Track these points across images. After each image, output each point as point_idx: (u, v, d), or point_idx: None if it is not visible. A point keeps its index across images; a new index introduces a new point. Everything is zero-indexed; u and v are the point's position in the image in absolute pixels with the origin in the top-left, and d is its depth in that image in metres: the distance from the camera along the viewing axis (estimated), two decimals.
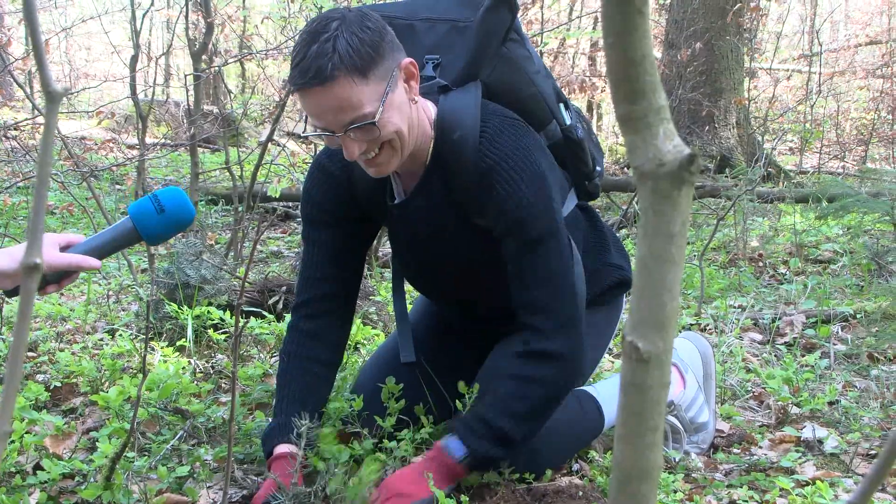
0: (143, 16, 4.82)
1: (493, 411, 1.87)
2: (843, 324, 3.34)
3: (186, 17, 4.64)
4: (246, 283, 3.21)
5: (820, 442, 2.25)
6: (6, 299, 3.18)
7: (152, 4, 5.03)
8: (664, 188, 0.64)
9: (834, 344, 3.06)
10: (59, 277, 1.67)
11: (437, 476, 1.83)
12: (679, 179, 0.64)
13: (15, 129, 6.32)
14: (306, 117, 1.80)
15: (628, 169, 8.56)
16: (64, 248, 1.67)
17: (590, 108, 13.03)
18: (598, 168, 2.23)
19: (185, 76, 5.11)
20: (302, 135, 1.90)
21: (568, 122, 2.11)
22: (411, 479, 1.83)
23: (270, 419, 2.02)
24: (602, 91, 11.93)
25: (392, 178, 1.99)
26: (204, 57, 4.86)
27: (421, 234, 2.02)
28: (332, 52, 1.66)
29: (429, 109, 1.90)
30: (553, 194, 1.88)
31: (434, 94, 1.92)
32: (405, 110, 1.78)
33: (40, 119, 5.78)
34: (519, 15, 2.04)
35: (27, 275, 0.66)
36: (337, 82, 1.66)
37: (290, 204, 6.32)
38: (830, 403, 2.51)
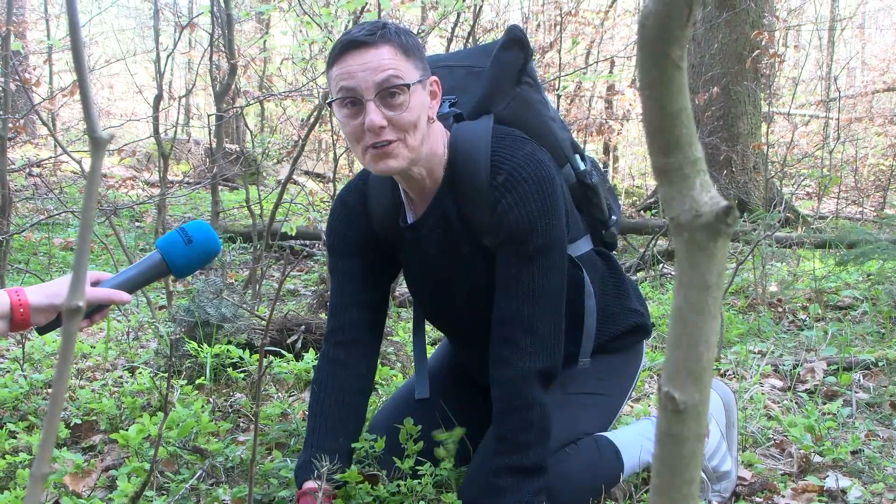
0: (168, 57, 4.90)
1: (514, 453, 1.88)
2: (865, 372, 3.30)
3: (210, 58, 4.71)
4: (266, 322, 3.22)
5: (843, 492, 2.21)
6: (27, 335, 3.20)
7: (175, 46, 5.12)
8: (700, 240, 0.65)
9: (856, 392, 3.02)
10: (90, 312, 1.69)
11: None
12: (715, 231, 0.64)
13: (38, 166, 6.40)
14: (329, 101, 1.88)
15: (645, 212, 8.57)
16: (94, 284, 1.70)
17: (606, 151, 13.08)
18: (613, 216, 2.25)
19: (208, 116, 5.18)
20: (327, 101, 1.97)
21: (582, 168, 2.14)
22: None
23: (302, 451, 2.03)
24: (619, 134, 11.99)
25: (405, 202, 2.04)
26: (227, 97, 4.92)
27: (432, 257, 2.04)
28: (382, 27, 1.82)
29: (443, 133, 1.96)
30: (560, 213, 1.91)
31: (448, 122, 1.99)
32: (425, 116, 1.86)
33: (63, 157, 5.85)
34: (536, 59, 2.09)
35: (69, 317, 0.67)
36: (384, 47, 1.80)
37: (308, 242, 6.35)
38: (853, 453, 2.47)
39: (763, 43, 7.71)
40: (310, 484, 1.91)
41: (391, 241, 2.09)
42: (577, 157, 2.16)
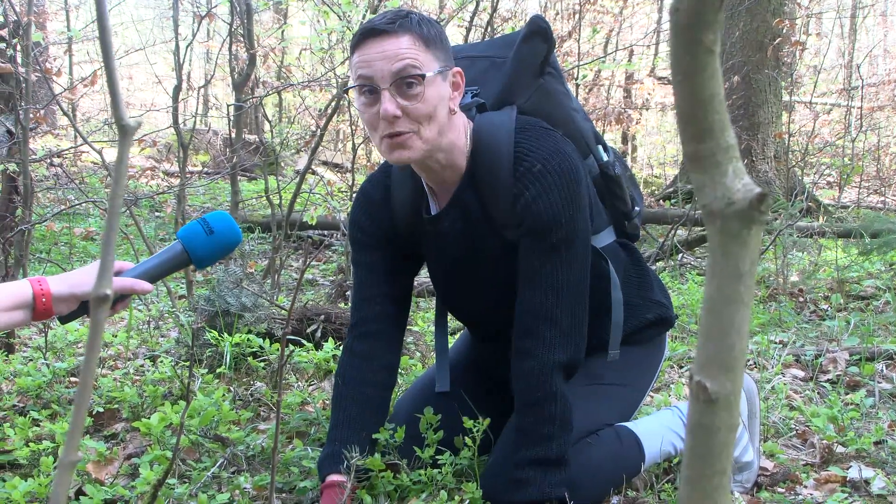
0: (187, 47, 4.90)
1: (542, 446, 1.88)
2: (888, 362, 3.27)
3: (230, 49, 4.71)
4: (285, 312, 3.23)
5: (867, 482, 2.19)
6: (50, 324, 3.23)
7: (195, 37, 5.12)
8: (733, 227, 0.64)
9: (879, 382, 3.00)
10: (112, 302, 1.70)
11: None
12: (749, 219, 0.63)
13: (59, 156, 6.43)
14: (347, 87, 1.87)
15: (664, 202, 8.52)
16: (116, 274, 1.71)
17: (625, 140, 13.02)
18: (636, 207, 2.23)
19: (227, 106, 5.18)
20: (345, 88, 1.98)
21: (605, 158, 2.13)
22: None
23: (325, 444, 2.04)
24: (637, 123, 11.91)
25: (428, 193, 2.03)
26: (245, 88, 4.92)
27: (454, 249, 2.04)
28: (405, 16, 1.82)
29: (465, 124, 1.94)
30: (584, 204, 1.90)
31: (471, 113, 1.98)
32: (444, 108, 1.84)
33: (84, 147, 5.88)
34: (555, 49, 2.08)
35: (97, 305, 0.67)
36: (404, 36, 1.80)
37: (326, 232, 6.36)
38: (876, 443, 2.45)
39: (784, 31, 7.64)
40: (334, 477, 1.91)
41: (413, 233, 2.08)
42: (600, 147, 2.15)
